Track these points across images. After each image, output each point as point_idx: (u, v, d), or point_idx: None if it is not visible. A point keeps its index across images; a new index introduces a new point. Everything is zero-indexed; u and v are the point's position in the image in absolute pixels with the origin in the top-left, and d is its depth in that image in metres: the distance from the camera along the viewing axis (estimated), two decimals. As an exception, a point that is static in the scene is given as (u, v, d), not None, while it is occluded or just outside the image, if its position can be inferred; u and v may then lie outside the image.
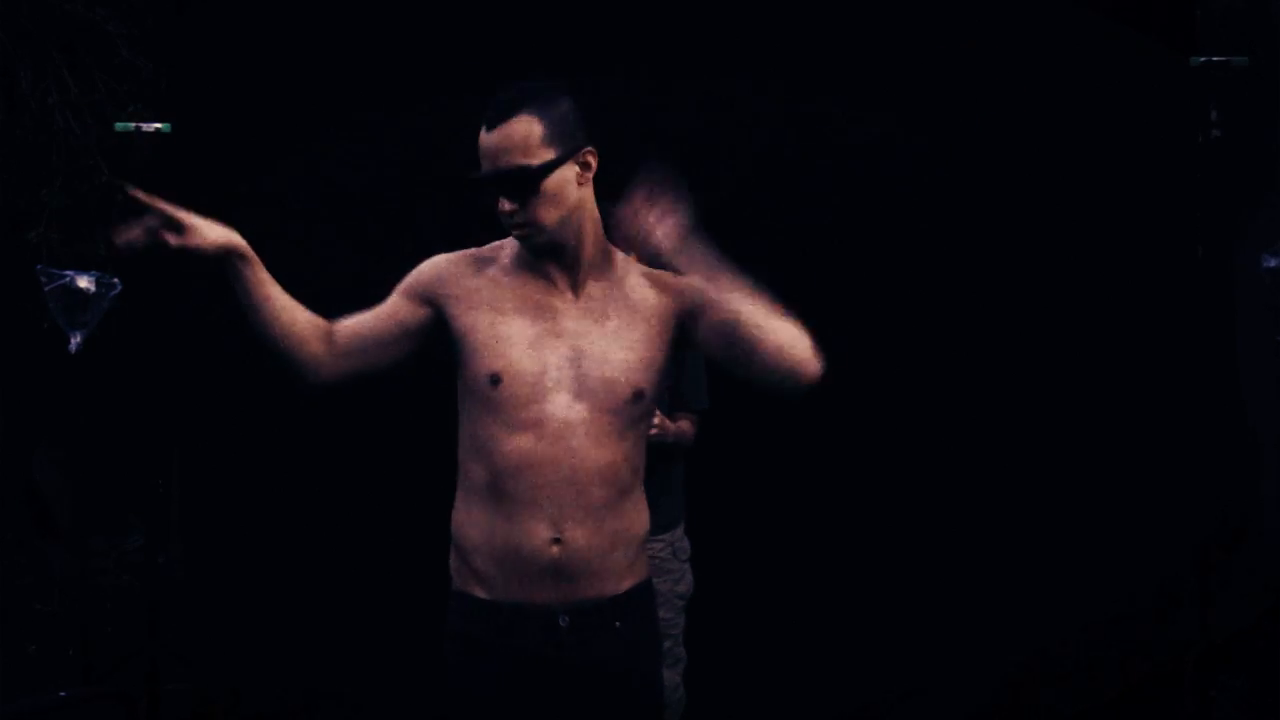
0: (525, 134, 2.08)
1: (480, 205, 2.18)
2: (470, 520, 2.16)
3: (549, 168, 2.09)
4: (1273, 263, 3.82)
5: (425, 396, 2.55)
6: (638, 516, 2.21)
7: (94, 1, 4.26)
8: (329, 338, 2.17)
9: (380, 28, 4.31)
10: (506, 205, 2.10)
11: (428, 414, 2.54)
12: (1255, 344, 4.24)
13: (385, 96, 4.30)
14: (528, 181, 2.08)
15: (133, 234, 2.05)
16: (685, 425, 3.33)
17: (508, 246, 2.22)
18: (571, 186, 2.13)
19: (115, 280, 3.96)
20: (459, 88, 4.23)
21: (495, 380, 2.10)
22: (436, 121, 4.36)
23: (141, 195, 2.06)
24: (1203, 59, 3.59)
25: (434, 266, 2.22)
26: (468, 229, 2.38)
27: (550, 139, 2.09)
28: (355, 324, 2.20)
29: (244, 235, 2.18)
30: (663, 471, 3.25)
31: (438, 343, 2.21)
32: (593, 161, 2.16)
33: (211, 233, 2.11)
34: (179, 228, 2.08)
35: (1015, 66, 4.28)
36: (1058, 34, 4.27)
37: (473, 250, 2.24)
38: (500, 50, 4.24)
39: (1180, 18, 4.30)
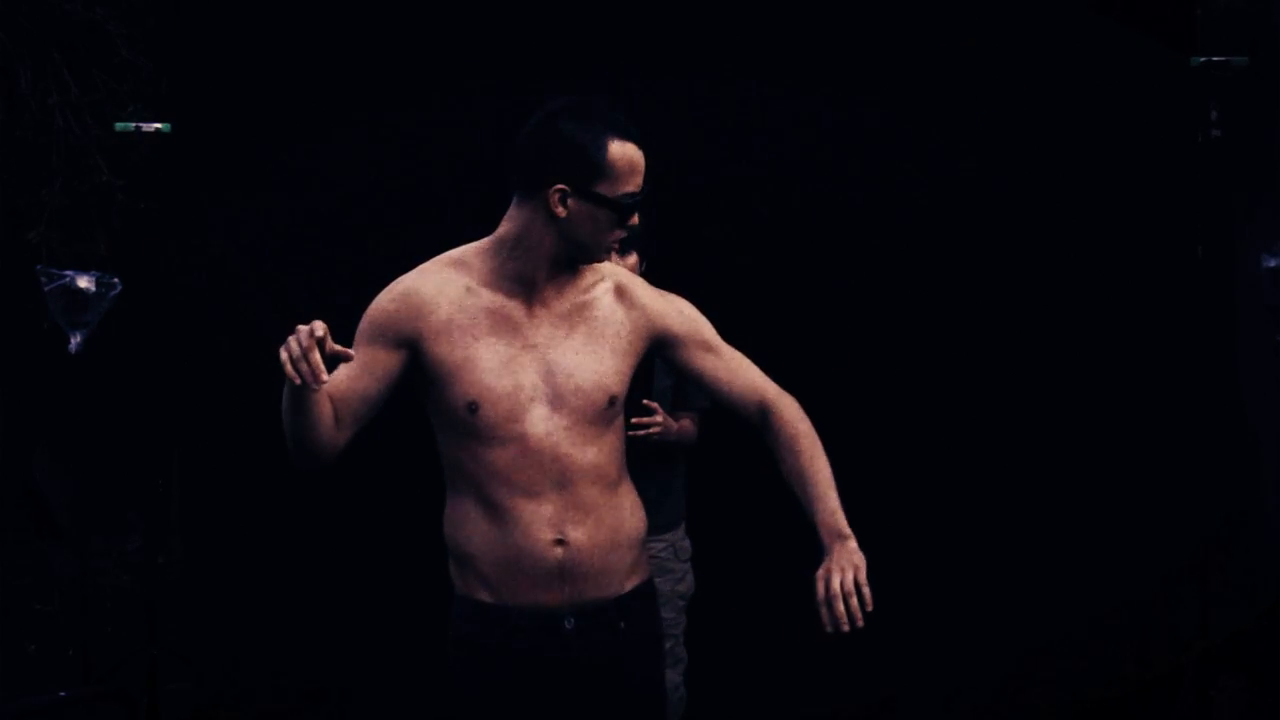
0: None
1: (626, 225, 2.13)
2: (468, 530, 2.15)
3: None
4: (1273, 263, 3.82)
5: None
6: (634, 514, 2.22)
7: (94, 1, 4.25)
8: (337, 420, 2.09)
9: (380, 28, 4.31)
10: (637, 220, 2.12)
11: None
12: (1255, 344, 4.24)
13: (385, 96, 4.30)
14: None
15: (318, 372, 1.90)
16: (687, 424, 3.33)
17: (473, 262, 2.16)
18: None
19: (115, 280, 3.96)
20: (459, 88, 4.25)
21: (473, 408, 2.09)
22: (437, 121, 4.36)
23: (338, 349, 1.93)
24: (1203, 59, 3.58)
25: (399, 305, 2.12)
26: (468, 229, 2.37)
27: None
28: (344, 393, 2.09)
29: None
30: (664, 471, 3.25)
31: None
32: None
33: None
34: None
35: (1015, 66, 4.28)
36: (1058, 34, 4.27)
37: (430, 269, 2.17)
38: (499, 52, 4.24)
39: (1180, 18, 4.29)
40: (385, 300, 2.14)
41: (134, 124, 3.92)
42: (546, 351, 2.13)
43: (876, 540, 4.21)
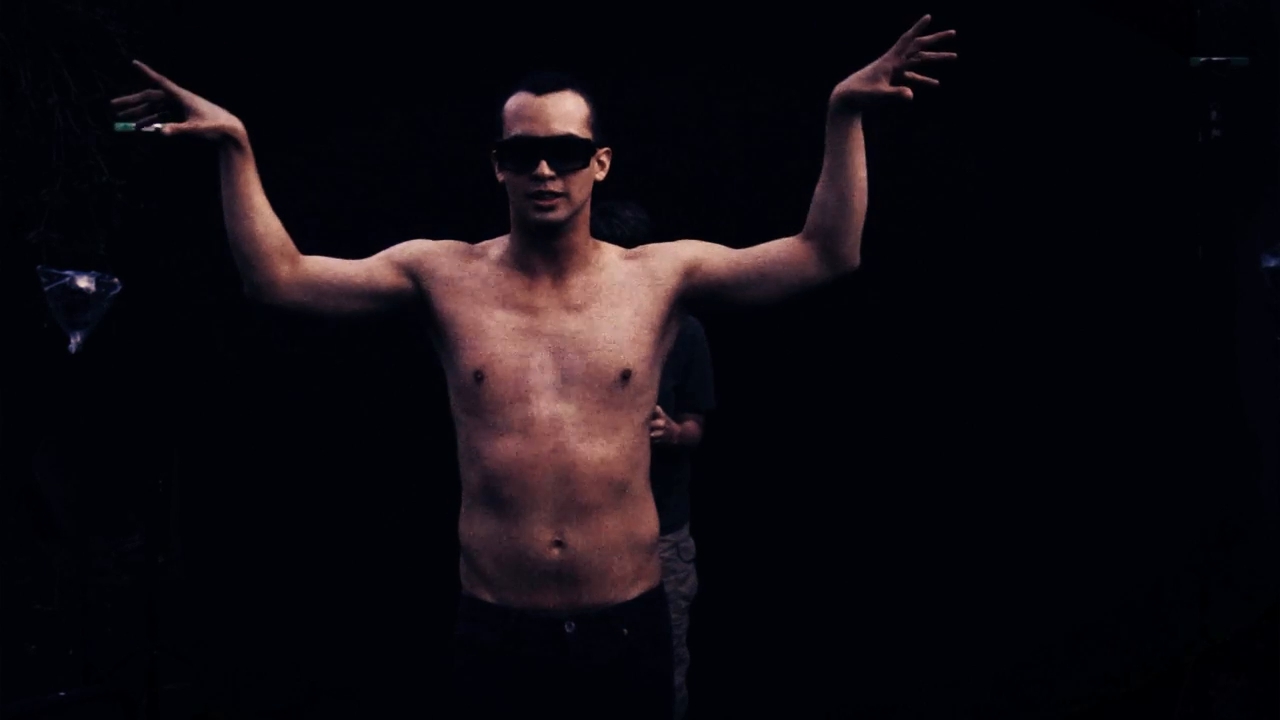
0: (577, 109, 2.12)
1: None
2: (474, 525, 2.15)
3: (595, 147, 2.15)
4: (1273, 263, 3.82)
5: (428, 396, 2.54)
6: (642, 518, 2.18)
7: (94, 1, 4.25)
8: (295, 260, 2.18)
9: (380, 27, 4.31)
10: (547, 170, 2.08)
11: (431, 413, 2.54)
12: (1255, 344, 4.24)
13: (385, 96, 4.30)
14: (578, 152, 2.11)
15: (134, 105, 2.15)
16: (691, 426, 3.33)
17: (495, 245, 2.22)
18: (593, 177, 2.17)
19: (115, 280, 3.96)
20: (460, 87, 4.24)
21: (479, 377, 2.10)
22: (437, 120, 4.36)
23: (146, 69, 2.12)
24: (1203, 59, 3.58)
25: (422, 244, 2.24)
26: (468, 228, 2.38)
27: (592, 124, 2.15)
28: (328, 261, 2.21)
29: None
30: (668, 472, 3.25)
31: (407, 318, 2.22)
32: (608, 162, 2.21)
33: (214, 119, 2.17)
34: (180, 110, 2.14)
35: (1014, 66, 4.28)
36: (1058, 34, 4.27)
37: (461, 242, 2.26)
38: (500, 52, 4.23)
39: (1180, 18, 4.29)
40: (417, 240, 2.25)
41: (134, 124, 3.91)
42: (559, 336, 2.13)
43: (877, 540, 4.23)
